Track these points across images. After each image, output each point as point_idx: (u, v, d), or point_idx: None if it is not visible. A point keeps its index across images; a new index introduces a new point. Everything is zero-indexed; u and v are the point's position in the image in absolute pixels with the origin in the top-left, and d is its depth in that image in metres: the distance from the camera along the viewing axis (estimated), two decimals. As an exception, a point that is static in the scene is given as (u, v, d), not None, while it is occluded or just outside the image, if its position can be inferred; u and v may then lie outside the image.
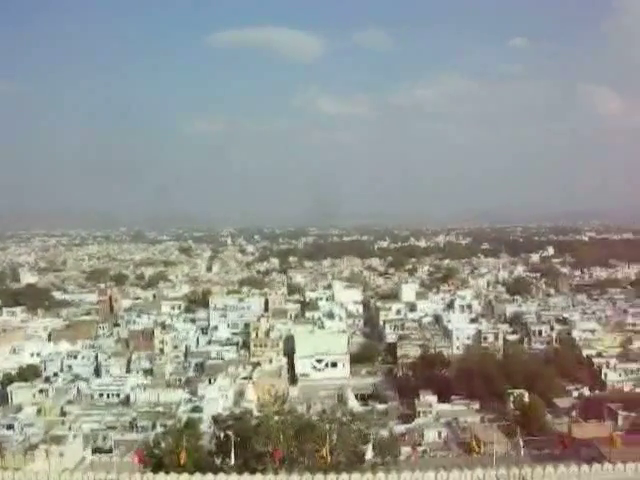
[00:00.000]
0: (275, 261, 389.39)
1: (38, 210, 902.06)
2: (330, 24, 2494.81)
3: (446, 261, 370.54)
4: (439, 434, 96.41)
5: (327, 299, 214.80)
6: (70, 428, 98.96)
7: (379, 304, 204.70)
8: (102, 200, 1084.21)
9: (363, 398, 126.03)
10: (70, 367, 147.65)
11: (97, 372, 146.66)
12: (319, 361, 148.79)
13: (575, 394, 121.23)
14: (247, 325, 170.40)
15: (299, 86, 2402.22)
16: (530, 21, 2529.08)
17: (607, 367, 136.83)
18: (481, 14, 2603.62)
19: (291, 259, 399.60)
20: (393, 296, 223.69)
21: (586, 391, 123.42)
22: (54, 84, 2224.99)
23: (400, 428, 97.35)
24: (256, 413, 76.31)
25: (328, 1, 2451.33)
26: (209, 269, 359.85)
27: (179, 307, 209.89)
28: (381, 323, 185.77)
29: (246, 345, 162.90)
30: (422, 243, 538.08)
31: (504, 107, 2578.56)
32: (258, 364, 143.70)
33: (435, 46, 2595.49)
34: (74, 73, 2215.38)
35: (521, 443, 78.04)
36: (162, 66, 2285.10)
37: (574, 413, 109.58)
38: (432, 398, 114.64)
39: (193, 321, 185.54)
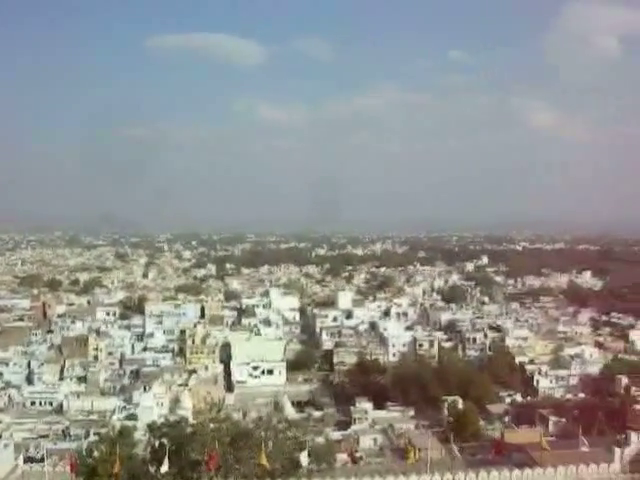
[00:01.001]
0: (212, 267, 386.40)
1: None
2: (270, 31, 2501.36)
3: (382, 269, 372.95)
4: (374, 441, 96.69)
5: (264, 306, 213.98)
6: (1, 437, 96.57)
7: (316, 311, 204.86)
8: (36, 204, 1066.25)
9: (299, 405, 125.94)
10: (1, 374, 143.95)
11: (29, 379, 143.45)
12: (255, 368, 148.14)
13: (508, 400, 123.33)
14: (183, 332, 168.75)
15: (239, 92, 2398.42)
16: (468, 34, 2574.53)
17: (539, 374, 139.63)
18: (421, 26, 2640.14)
19: (228, 266, 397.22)
20: (330, 303, 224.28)
21: (518, 397, 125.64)
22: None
23: (336, 435, 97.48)
24: (191, 421, 75.69)
25: (268, 8, 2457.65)
26: (145, 275, 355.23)
27: (114, 313, 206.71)
28: (318, 330, 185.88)
29: (182, 352, 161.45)
30: (359, 251, 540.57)
31: (442, 118, 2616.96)
32: (194, 371, 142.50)
33: (375, 56, 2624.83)
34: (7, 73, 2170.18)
35: (455, 449, 79.22)
36: (100, 67, 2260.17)
37: (507, 419, 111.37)
38: (368, 405, 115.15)
39: (128, 328, 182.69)
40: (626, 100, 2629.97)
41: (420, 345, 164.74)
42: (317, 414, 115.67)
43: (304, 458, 57.01)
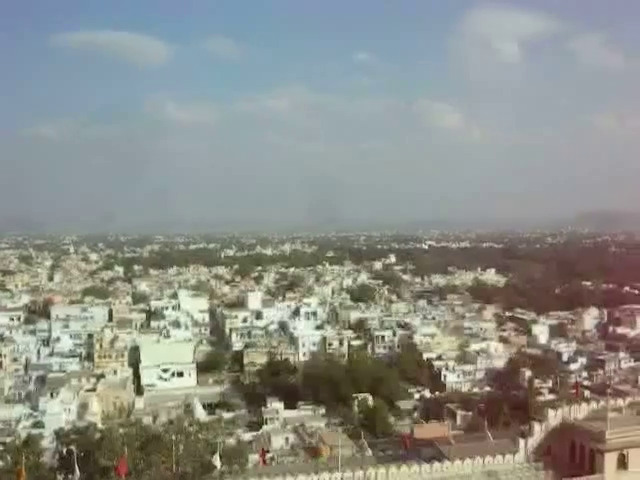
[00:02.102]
0: (119, 269, 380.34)
1: None
2: (178, 30, 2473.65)
3: (292, 269, 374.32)
4: (286, 440, 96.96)
5: (173, 308, 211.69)
6: None
7: (225, 312, 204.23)
8: None
9: (210, 407, 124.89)
10: None
11: None
12: (165, 371, 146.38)
13: (417, 396, 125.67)
14: (90, 336, 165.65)
15: (146, 92, 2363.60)
16: (374, 37, 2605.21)
17: (446, 369, 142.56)
18: (327, 28, 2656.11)
19: (136, 267, 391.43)
20: (239, 304, 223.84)
21: (427, 393, 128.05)
22: None
23: (247, 436, 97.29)
24: (100, 426, 74.50)
25: (175, 7, 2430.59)
26: (50, 278, 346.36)
27: (18, 318, 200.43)
28: (227, 331, 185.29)
29: (90, 356, 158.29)
30: (268, 251, 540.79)
31: (348, 120, 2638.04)
32: (102, 375, 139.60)
33: (282, 57, 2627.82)
34: None
35: (366, 445, 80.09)
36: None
37: (416, 414, 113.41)
38: (279, 405, 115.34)
39: (33, 332, 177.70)
40: (526, 103, 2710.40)
41: (330, 344, 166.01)
42: (228, 415, 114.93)
43: (216, 460, 56.68)
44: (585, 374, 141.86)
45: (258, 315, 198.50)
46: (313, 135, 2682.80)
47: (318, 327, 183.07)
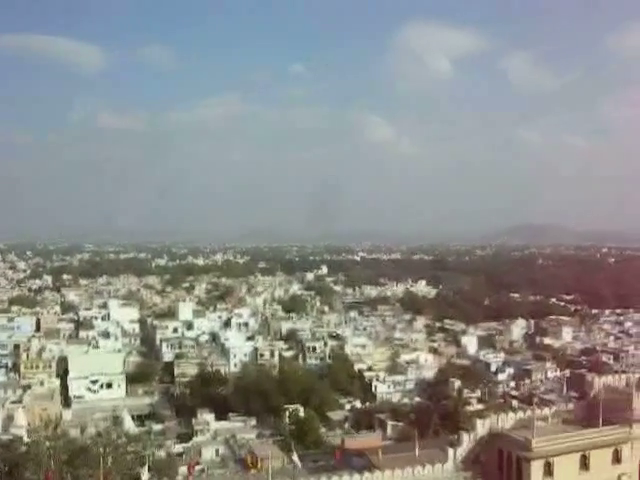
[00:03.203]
0: (48, 278, 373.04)
1: None
2: (113, 37, 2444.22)
3: (224, 279, 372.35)
4: (217, 452, 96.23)
5: (102, 318, 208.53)
6: None
7: (156, 322, 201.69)
8: None
9: (140, 419, 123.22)
10: None
11: None
12: (94, 382, 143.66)
13: (348, 407, 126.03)
14: (17, 346, 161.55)
15: (78, 98, 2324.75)
16: (309, 49, 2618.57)
17: (377, 380, 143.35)
18: (263, 39, 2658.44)
19: (65, 277, 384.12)
20: (170, 314, 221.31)
21: (358, 403, 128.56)
22: None
23: (178, 448, 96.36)
24: (26, 439, 72.74)
25: (110, 14, 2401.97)
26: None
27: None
28: (158, 342, 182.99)
29: (16, 367, 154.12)
30: (200, 261, 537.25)
31: (282, 130, 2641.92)
32: (29, 387, 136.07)
33: (217, 67, 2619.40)
34: None
35: (296, 457, 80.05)
36: None
37: (347, 425, 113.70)
38: (210, 416, 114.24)
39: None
40: (457, 118, 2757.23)
41: (261, 355, 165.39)
42: (158, 427, 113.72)
43: (144, 473, 56.11)
44: (513, 384, 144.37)
45: (189, 326, 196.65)
46: (246, 145, 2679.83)
47: (249, 338, 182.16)
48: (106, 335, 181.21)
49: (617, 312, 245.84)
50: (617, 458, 60.12)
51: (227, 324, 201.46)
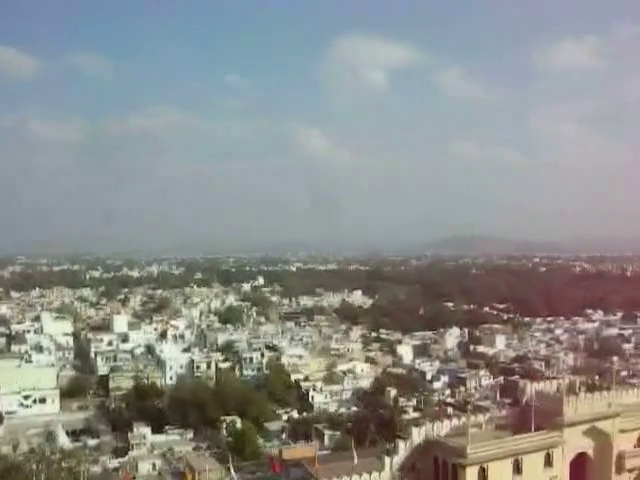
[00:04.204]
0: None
1: None
2: (45, 45, 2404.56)
3: (159, 291, 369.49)
4: (153, 466, 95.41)
5: (35, 331, 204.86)
6: None
7: (90, 336, 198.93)
8: None
9: (74, 434, 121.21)
10: None
11: None
12: (26, 397, 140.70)
13: (285, 417, 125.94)
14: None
15: (8, 106, 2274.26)
16: (244, 59, 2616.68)
17: (314, 390, 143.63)
18: (199, 47, 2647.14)
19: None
20: (105, 327, 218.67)
21: (295, 414, 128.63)
22: None
23: (113, 462, 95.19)
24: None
25: (43, 21, 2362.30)
26: None
27: None
28: (92, 355, 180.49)
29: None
30: (135, 273, 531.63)
31: (219, 141, 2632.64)
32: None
33: (153, 77, 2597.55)
34: None
35: (233, 469, 79.75)
36: None
37: (284, 435, 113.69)
38: (146, 430, 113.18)
39: None
40: (392, 130, 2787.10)
41: (197, 367, 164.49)
42: (93, 442, 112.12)
43: (80, 488, 55.41)
44: (448, 392, 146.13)
45: (124, 338, 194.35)
46: (181, 155, 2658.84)
47: (185, 350, 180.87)
48: (39, 349, 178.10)
49: (548, 320, 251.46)
50: (549, 462, 61.61)
51: (163, 336, 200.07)
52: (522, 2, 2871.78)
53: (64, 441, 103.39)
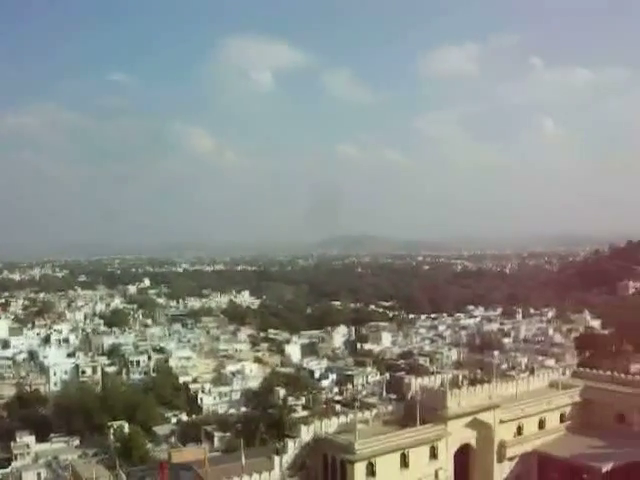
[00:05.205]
0: None
1: None
2: None
3: (42, 294, 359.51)
4: (38, 475, 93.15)
5: None
6: None
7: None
8: None
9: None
10: None
11: None
12: None
13: (174, 420, 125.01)
14: None
15: None
16: (130, 57, 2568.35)
17: (203, 392, 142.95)
18: (82, 44, 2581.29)
19: None
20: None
21: (184, 416, 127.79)
22: None
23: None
24: None
25: None
26: None
27: None
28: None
29: None
30: (16, 276, 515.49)
31: (103, 141, 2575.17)
32: None
33: (32, 73, 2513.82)
34: None
35: (122, 475, 79.01)
36: None
37: (173, 439, 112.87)
38: (30, 438, 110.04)
39: None
40: (279, 131, 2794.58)
41: (83, 372, 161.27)
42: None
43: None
44: (336, 389, 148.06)
45: (5, 344, 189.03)
46: (63, 155, 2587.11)
47: (70, 355, 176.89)
48: None
49: (432, 317, 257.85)
50: (434, 454, 63.49)
51: (46, 341, 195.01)
52: (405, 7, 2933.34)
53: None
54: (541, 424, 74.80)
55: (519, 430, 72.48)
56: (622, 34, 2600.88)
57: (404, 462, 61.23)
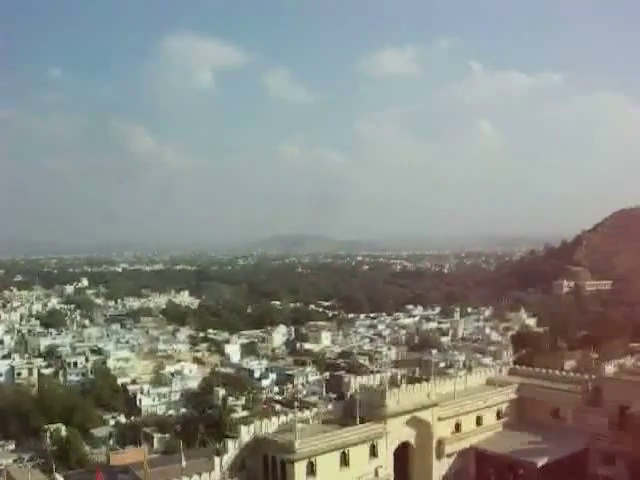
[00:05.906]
0: None
1: None
2: None
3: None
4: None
5: None
6: None
7: None
8: None
9: None
10: None
11: None
12: None
13: (112, 422, 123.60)
14: None
15: None
16: (68, 52, 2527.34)
17: (141, 393, 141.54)
18: (17, 39, 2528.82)
19: None
20: None
21: (123, 418, 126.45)
22: None
23: None
24: None
25: None
26: None
27: None
28: None
29: None
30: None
31: (40, 137, 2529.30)
32: None
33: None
34: None
35: (60, 478, 77.84)
36: None
37: (112, 441, 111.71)
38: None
39: None
40: (220, 130, 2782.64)
41: (18, 374, 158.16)
42: None
43: None
44: (276, 389, 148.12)
45: None
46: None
47: (5, 356, 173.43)
48: None
49: (371, 316, 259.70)
50: (374, 452, 64.15)
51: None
52: (346, 9, 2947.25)
53: None
54: (479, 421, 76.29)
55: (457, 427, 73.79)
56: (558, 40, 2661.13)
57: (344, 461, 61.74)
